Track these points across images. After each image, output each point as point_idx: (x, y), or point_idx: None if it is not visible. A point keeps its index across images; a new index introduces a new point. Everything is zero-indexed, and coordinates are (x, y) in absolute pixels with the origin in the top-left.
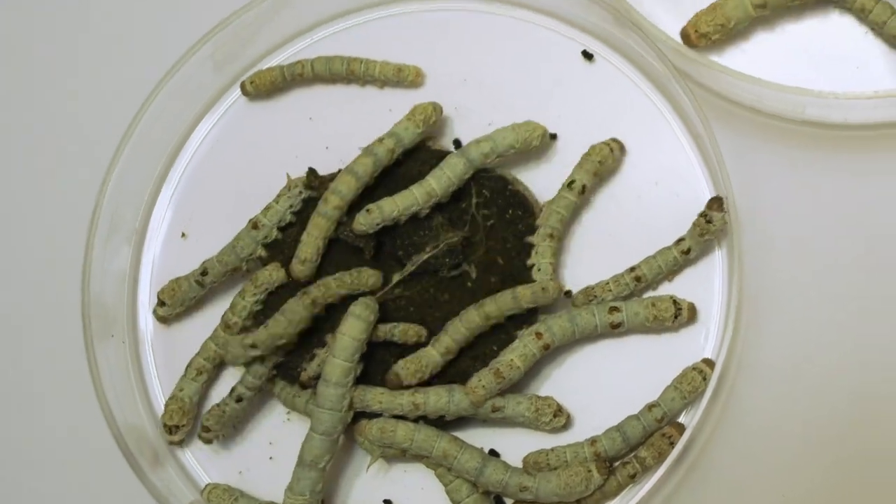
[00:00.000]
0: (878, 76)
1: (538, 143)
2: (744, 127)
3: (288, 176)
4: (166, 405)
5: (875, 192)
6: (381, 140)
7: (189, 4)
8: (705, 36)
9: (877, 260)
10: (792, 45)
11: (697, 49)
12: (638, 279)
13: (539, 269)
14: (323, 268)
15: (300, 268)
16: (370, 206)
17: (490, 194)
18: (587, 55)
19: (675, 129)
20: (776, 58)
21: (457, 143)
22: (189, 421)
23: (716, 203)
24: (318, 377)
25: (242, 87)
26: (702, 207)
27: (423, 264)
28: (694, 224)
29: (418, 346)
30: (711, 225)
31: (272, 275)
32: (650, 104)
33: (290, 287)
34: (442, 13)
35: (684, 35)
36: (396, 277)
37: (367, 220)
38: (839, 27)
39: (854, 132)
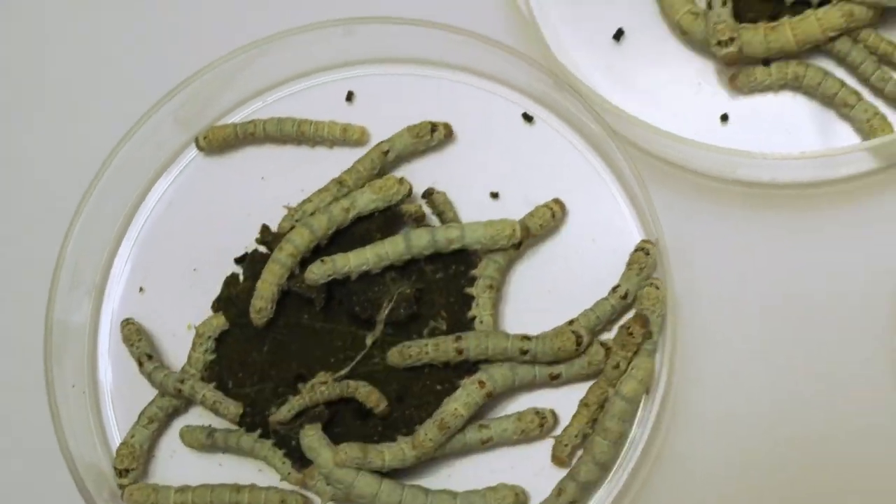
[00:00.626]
0: (805, 138)
1: (506, 244)
2: (678, 186)
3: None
4: (118, 450)
5: (803, 249)
6: (337, 200)
7: (152, 64)
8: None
9: (802, 315)
10: (724, 107)
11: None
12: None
13: (481, 322)
14: (275, 321)
15: (256, 316)
16: (324, 257)
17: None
18: (527, 117)
19: (612, 189)
20: (709, 119)
21: (426, 193)
22: (139, 465)
23: (646, 242)
24: (286, 422)
25: (196, 142)
26: None
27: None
28: (629, 263)
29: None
30: (649, 256)
31: (213, 322)
32: (588, 164)
33: (236, 333)
34: (388, 76)
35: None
36: (370, 340)
37: (319, 270)
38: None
39: (783, 191)
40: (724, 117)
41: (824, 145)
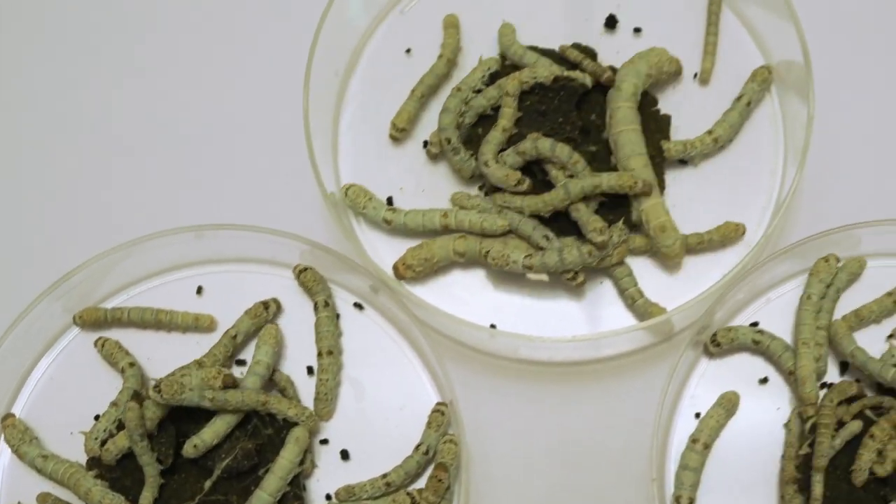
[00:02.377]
0: (576, 323)
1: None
2: (471, 363)
3: None
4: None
5: (574, 414)
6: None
7: (38, 258)
8: (410, 267)
9: (576, 469)
10: (506, 298)
11: (406, 280)
12: (388, 484)
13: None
14: (125, 478)
15: (105, 454)
16: (196, 440)
17: (270, 418)
18: (358, 306)
19: (416, 366)
20: (502, 311)
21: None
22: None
23: (441, 404)
24: None
25: (73, 319)
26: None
27: (226, 468)
28: (428, 423)
29: None
30: (444, 416)
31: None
32: (397, 346)
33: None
34: (235, 273)
35: (394, 268)
36: (208, 484)
37: (195, 452)
38: (547, 285)
39: (557, 368)
40: (505, 305)
41: (591, 331)
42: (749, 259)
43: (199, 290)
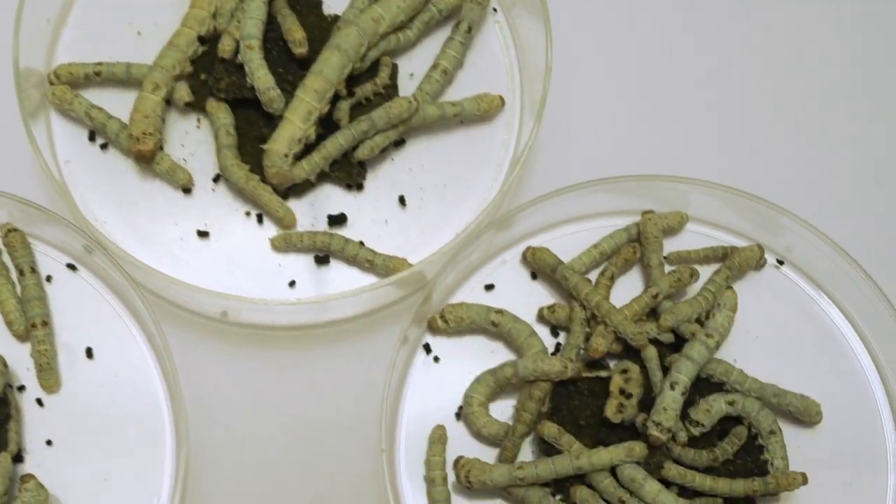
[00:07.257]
0: (302, 288)
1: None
2: (191, 327)
3: None
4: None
5: (304, 384)
6: None
7: None
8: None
9: (303, 438)
10: (235, 262)
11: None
12: None
13: None
14: None
15: None
16: None
17: None
18: (72, 267)
19: (133, 331)
20: (228, 272)
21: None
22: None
23: None
24: None
25: None
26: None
27: None
28: None
29: None
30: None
31: None
32: (112, 311)
33: None
34: None
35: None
36: None
37: None
38: (256, 240)
39: (282, 332)
40: (233, 267)
41: (317, 293)
42: (483, 216)
43: None
